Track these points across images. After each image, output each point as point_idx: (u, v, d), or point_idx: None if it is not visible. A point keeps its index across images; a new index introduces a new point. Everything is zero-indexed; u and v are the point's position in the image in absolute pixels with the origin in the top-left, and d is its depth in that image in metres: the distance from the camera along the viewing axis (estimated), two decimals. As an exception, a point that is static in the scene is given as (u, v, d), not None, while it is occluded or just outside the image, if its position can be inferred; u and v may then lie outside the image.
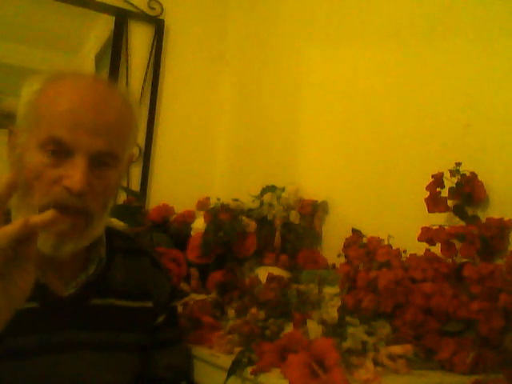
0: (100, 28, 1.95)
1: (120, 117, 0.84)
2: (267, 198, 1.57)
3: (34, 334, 0.82)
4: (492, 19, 1.21)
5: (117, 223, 1.40)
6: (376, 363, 0.86)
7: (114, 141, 0.82)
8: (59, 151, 0.78)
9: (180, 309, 1.14)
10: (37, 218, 0.61)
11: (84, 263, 0.89)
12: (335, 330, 0.95)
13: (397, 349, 0.90)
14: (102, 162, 0.81)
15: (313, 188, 1.62)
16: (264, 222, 1.51)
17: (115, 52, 1.91)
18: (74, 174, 0.77)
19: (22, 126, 0.83)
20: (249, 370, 0.88)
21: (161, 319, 0.98)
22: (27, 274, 0.63)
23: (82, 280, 0.88)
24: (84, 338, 0.86)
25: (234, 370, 0.91)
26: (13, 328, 0.66)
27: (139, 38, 1.97)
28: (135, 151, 1.89)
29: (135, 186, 1.92)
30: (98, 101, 0.81)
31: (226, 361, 0.94)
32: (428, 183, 1.18)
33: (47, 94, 0.82)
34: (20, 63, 1.78)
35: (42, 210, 0.74)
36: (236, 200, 1.58)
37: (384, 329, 0.94)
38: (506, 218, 1.07)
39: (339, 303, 1.07)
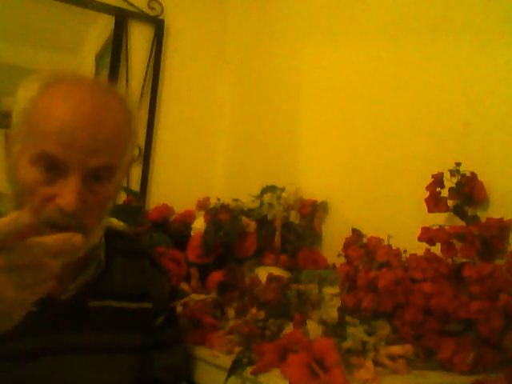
0: (100, 28, 1.95)
1: (118, 128, 0.81)
2: (267, 198, 1.57)
3: (33, 336, 0.81)
4: (492, 19, 1.21)
5: (117, 223, 1.40)
6: (376, 363, 0.87)
7: (110, 155, 0.79)
8: (52, 168, 0.76)
9: (180, 309, 1.14)
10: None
11: (83, 266, 0.89)
12: (335, 330, 0.95)
13: (397, 349, 0.90)
14: (97, 176, 0.79)
15: (313, 188, 1.62)
16: (264, 222, 1.51)
17: (115, 52, 1.91)
18: (67, 194, 0.75)
19: (16, 134, 0.81)
20: (249, 369, 0.88)
21: (160, 320, 0.98)
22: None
23: (81, 283, 0.87)
24: (83, 341, 0.86)
25: (234, 370, 0.91)
26: (11, 331, 0.65)
27: (139, 38, 1.97)
28: (135, 151, 1.88)
29: (135, 186, 1.92)
30: (94, 114, 0.78)
31: (226, 361, 0.94)
32: (428, 183, 1.18)
33: (41, 105, 0.79)
34: (20, 63, 1.77)
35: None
36: (236, 200, 1.58)
37: (384, 329, 0.94)
38: (506, 218, 1.07)
39: (339, 303, 1.07)
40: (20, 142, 0.80)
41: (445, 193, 1.17)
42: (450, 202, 1.17)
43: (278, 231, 1.51)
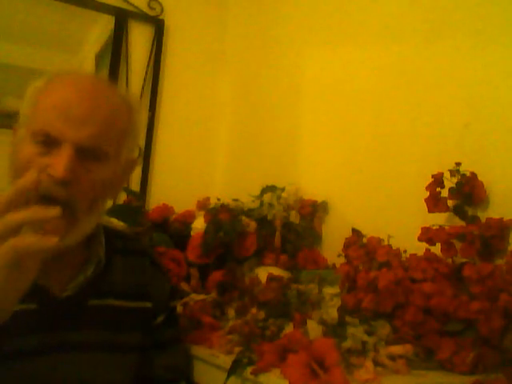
0: (100, 28, 1.95)
1: (113, 114, 0.84)
2: (267, 197, 1.57)
3: (33, 334, 0.81)
4: (491, 19, 1.21)
5: (117, 223, 1.40)
6: (376, 363, 0.87)
7: (104, 135, 0.82)
8: (48, 142, 0.80)
9: (180, 309, 1.14)
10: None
11: (83, 264, 0.89)
12: (335, 330, 0.95)
13: (397, 349, 0.90)
14: (91, 155, 0.81)
15: (313, 188, 1.62)
16: (264, 222, 1.51)
17: (115, 52, 1.91)
18: (58, 162, 0.78)
19: (21, 123, 0.85)
20: (249, 369, 0.88)
21: (160, 319, 0.98)
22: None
23: (81, 281, 0.88)
24: (83, 339, 0.86)
25: (234, 370, 0.91)
26: (11, 329, 0.65)
27: (139, 38, 1.97)
28: (135, 153, 1.88)
29: (135, 186, 1.92)
30: (92, 95, 0.83)
31: (226, 361, 0.94)
32: (428, 183, 1.18)
33: (45, 91, 0.84)
34: (20, 63, 1.77)
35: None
36: (236, 200, 1.58)
37: (384, 329, 0.94)
38: (506, 218, 1.07)
39: (339, 303, 1.07)
40: (23, 129, 0.84)
41: (445, 193, 1.17)
42: (450, 202, 1.17)
43: (278, 231, 1.51)
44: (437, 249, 1.09)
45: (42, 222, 0.64)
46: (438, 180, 1.17)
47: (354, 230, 1.29)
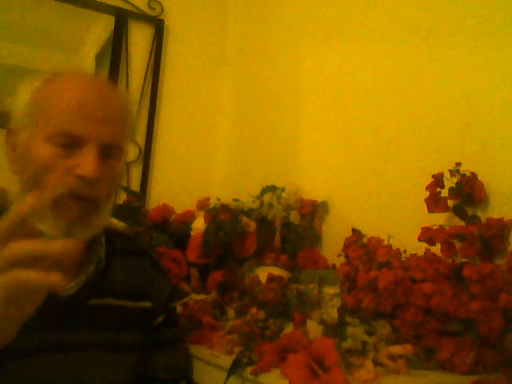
0: (100, 28, 1.95)
1: (122, 109, 0.88)
2: (267, 198, 1.57)
3: (33, 334, 0.81)
4: (491, 19, 1.21)
5: (117, 223, 1.40)
6: (376, 363, 0.86)
7: (120, 131, 0.85)
8: (69, 143, 0.80)
9: (180, 309, 1.14)
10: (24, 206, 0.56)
11: (83, 264, 0.89)
12: (335, 330, 0.95)
13: (397, 349, 0.90)
14: (109, 153, 0.84)
15: (313, 188, 1.62)
16: (264, 222, 1.51)
17: (115, 52, 1.91)
18: (87, 163, 0.79)
19: (22, 124, 0.84)
20: (249, 369, 0.88)
21: (160, 319, 0.99)
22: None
23: (82, 280, 0.88)
24: (83, 338, 0.87)
25: (234, 370, 0.91)
26: None
27: (139, 38, 1.97)
28: (135, 151, 1.89)
29: (135, 186, 1.92)
30: (101, 94, 0.85)
31: (226, 361, 0.94)
32: (428, 183, 1.18)
33: (51, 90, 0.84)
34: (20, 63, 1.77)
35: (57, 200, 0.77)
36: (236, 200, 1.58)
37: (384, 329, 0.94)
38: (506, 218, 1.07)
39: (339, 303, 1.07)
40: (29, 130, 0.83)
41: (445, 193, 1.17)
42: (450, 202, 1.17)
43: (278, 231, 1.51)
44: (437, 249, 1.09)
45: (45, 256, 0.57)
46: (438, 180, 1.17)
47: (354, 230, 1.29)
